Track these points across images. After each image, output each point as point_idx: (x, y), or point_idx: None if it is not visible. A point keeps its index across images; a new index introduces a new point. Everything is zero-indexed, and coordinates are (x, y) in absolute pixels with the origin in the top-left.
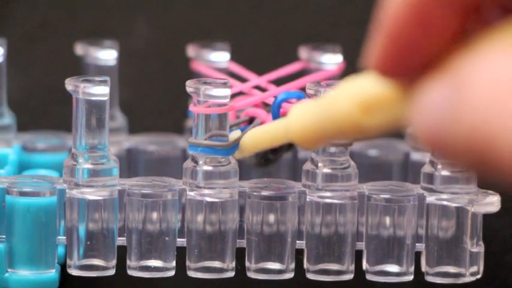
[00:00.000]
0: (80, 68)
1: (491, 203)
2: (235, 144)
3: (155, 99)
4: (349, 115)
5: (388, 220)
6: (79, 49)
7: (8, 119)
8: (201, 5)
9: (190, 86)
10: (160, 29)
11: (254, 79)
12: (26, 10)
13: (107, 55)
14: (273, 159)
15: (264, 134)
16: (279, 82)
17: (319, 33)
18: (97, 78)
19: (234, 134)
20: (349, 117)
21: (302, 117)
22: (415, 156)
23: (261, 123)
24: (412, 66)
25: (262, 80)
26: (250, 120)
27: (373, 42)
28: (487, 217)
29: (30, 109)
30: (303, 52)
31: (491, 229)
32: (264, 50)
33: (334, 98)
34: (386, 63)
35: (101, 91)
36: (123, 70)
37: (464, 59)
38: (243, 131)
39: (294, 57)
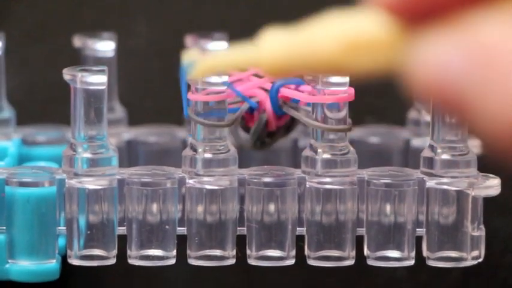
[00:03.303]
0: (79, 62)
1: (492, 186)
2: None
3: (154, 92)
4: (330, 54)
5: (388, 205)
6: (77, 41)
7: (8, 112)
8: (202, 4)
9: None
10: (159, 23)
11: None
12: (25, 7)
13: (105, 47)
14: (269, 143)
15: (229, 55)
16: None
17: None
18: (95, 68)
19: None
20: (329, 56)
21: (275, 45)
22: (416, 143)
23: (259, 101)
24: (421, 8)
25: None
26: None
27: None
28: (487, 217)
29: (29, 106)
30: None
31: (491, 229)
32: None
33: (316, 31)
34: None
35: (98, 80)
36: (122, 64)
37: (486, 15)
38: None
39: None
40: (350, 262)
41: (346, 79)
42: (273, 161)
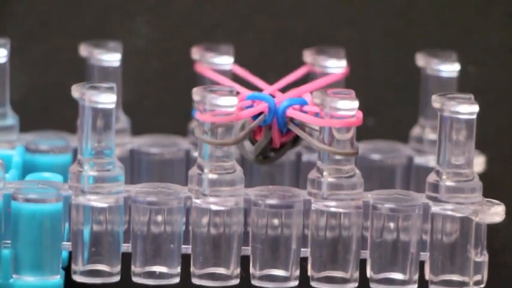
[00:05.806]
0: (82, 67)
1: (496, 213)
2: (242, 139)
3: (158, 100)
4: None
5: (392, 228)
6: (83, 50)
7: (11, 119)
8: (203, 4)
9: (196, 94)
10: (162, 29)
11: (265, 87)
12: (26, 9)
13: (111, 57)
14: (274, 158)
15: None
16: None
17: (320, 33)
18: (104, 85)
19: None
20: None
21: None
22: (418, 160)
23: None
24: None
25: (273, 89)
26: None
27: None
28: None
29: (31, 109)
30: (307, 56)
31: (491, 229)
32: (266, 50)
33: None
34: None
35: (107, 99)
36: (126, 70)
37: None
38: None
39: (297, 59)
40: (353, 285)
41: (355, 104)
42: (276, 175)
